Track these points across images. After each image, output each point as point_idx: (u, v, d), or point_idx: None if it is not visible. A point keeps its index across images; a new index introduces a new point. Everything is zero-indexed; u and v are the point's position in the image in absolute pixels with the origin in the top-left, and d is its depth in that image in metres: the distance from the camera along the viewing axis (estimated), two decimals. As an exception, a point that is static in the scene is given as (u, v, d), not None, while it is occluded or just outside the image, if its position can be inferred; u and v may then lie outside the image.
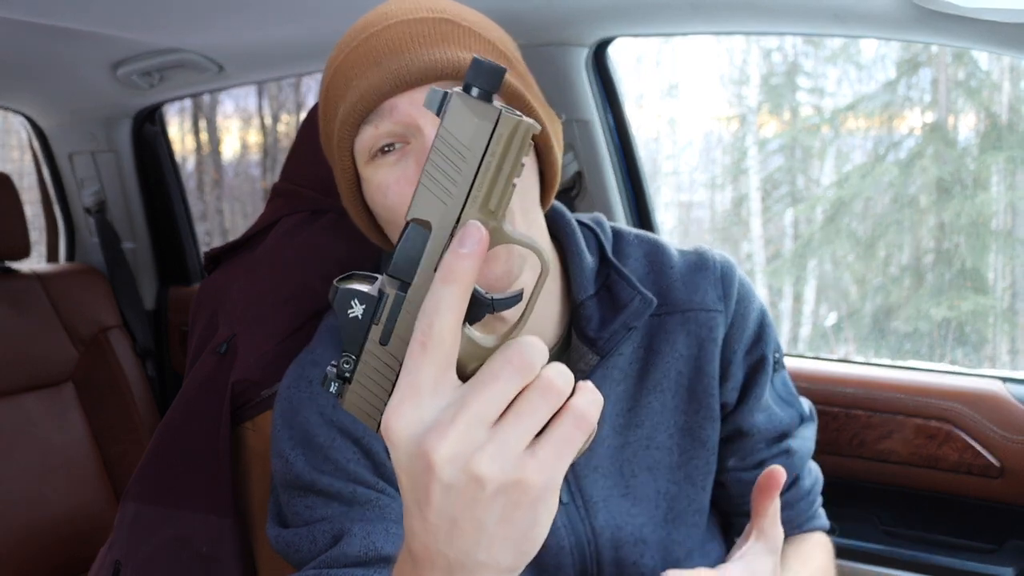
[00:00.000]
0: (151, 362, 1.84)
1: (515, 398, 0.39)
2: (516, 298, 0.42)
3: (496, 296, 0.42)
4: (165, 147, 1.92)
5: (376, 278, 0.43)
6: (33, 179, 2.01)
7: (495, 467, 0.37)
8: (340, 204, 1.06)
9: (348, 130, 0.68)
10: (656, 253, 0.81)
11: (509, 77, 0.70)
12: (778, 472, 0.65)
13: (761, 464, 0.82)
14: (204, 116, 6.64)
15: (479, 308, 0.41)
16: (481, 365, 0.40)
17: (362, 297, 0.41)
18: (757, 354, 0.81)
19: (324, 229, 1.06)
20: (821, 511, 0.88)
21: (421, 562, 0.41)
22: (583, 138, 1.38)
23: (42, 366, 1.66)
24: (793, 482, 0.84)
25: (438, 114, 0.40)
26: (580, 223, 0.82)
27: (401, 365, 0.40)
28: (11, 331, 1.62)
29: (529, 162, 0.71)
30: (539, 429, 0.39)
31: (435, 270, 0.40)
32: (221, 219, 6.78)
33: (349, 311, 0.41)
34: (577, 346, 0.75)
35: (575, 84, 1.35)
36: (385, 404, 0.41)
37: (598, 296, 0.77)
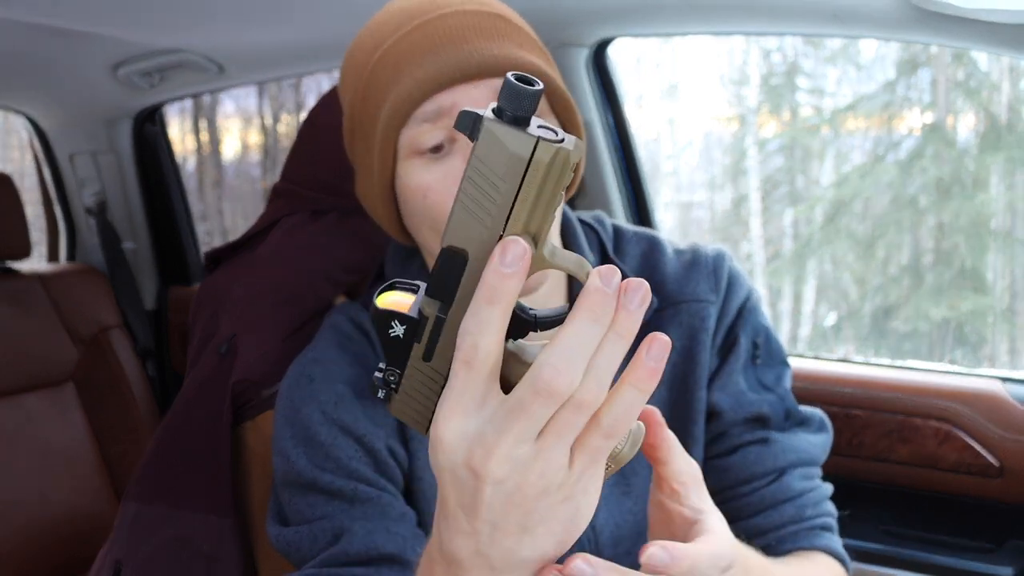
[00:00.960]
0: (151, 362, 1.84)
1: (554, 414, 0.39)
2: (560, 316, 0.41)
3: (540, 314, 0.41)
4: (165, 147, 1.92)
5: (418, 287, 0.43)
6: (34, 179, 2.01)
7: (541, 482, 0.39)
8: (341, 204, 1.06)
9: (398, 120, 0.66)
10: (652, 251, 0.81)
11: (561, 84, 0.69)
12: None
13: (736, 449, 0.78)
14: (204, 116, 6.65)
15: (523, 325, 0.41)
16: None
17: (402, 319, 0.41)
18: (732, 336, 0.80)
19: (324, 229, 1.06)
20: (828, 533, 0.78)
21: (460, 562, 0.42)
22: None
23: (43, 366, 1.66)
24: (776, 478, 0.77)
25: (471, 137, 0.38)
26: (582, 221, 0.82)
27: (446, 376, 0.41)
28: (12, 331, 1.62)
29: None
30: (576, 437, 0.40)
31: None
32: (221, 219, 6.78)
33: (390, 331, 0.41)
34: None
35: (575, 84, 1.35)
36: (431, 410, 0.43)
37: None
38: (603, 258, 0.80)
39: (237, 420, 1.04)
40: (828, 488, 0.80)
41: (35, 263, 1.80)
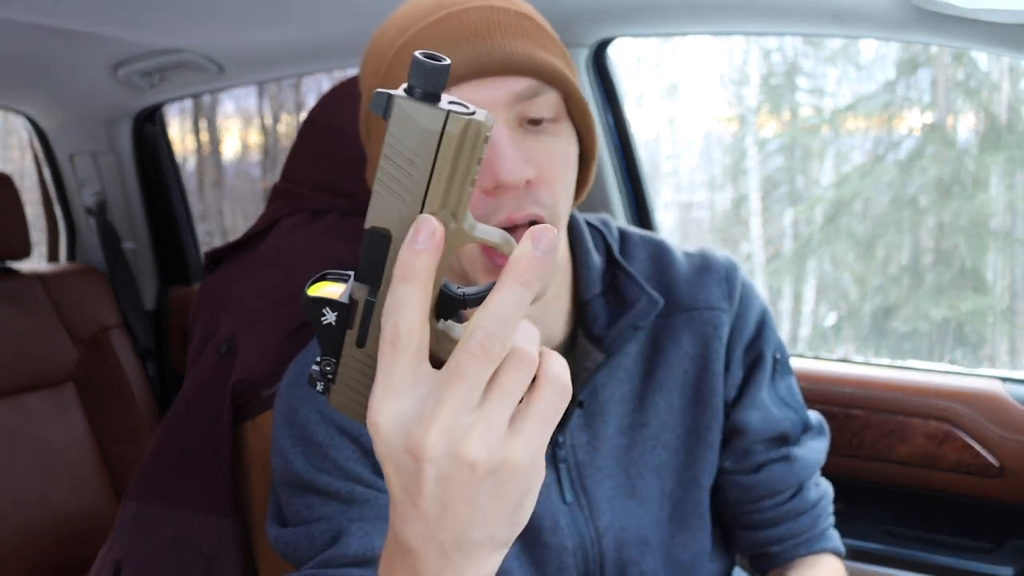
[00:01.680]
0: (152, 362, 1.84)
1: (491, 380, 0.39)
2: (488, 290, 0.40)
3: (468, 292, 0.41)
4: (165, 147, 1.92)
5: (348, 275, 0.43)
6: (34, 179, 2.01)
7: (484, 450, 0.38)
8: (341, 204, 1.06)
9: None
10: (660, 254, 0.81)
11: (579, 89, 0.68)
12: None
13: (760, 468, 0.80)
14: (204, 116, 6.65)
15: (452, 303, 0.41)
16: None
17: (333, 305, 0.41)
18: (755, 352, 0.81)
19: (324, 229, 1.06)
20: (833, 532, 0.83)
21: (414, 551, 0.41)
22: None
23: (43, 366, 1.66)
24: (796, 492, 0.81)
25: (384, 117, 0.38)
26: (587, 223, 0.82)
27: None
28: (12, 331, 1.62)
29: (573, 178, 0.70)
30: (515, 405, 0.39)
31: None
32: (221, 219, 6.78)
33: (322, 319, 0.41)
34: (583, 345, 0.75)
35: (575, 84, 1.35)
36: (367, 397, 0.42)
37: (605, 295, 0.77)
38: (609, 260, 0.80)
39: (237, 420, 1.04)
40: (830, 488, 0.83)
41: (35, 263, 1.80)
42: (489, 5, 0.67)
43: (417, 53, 0.37)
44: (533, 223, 0.65)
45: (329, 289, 0.42)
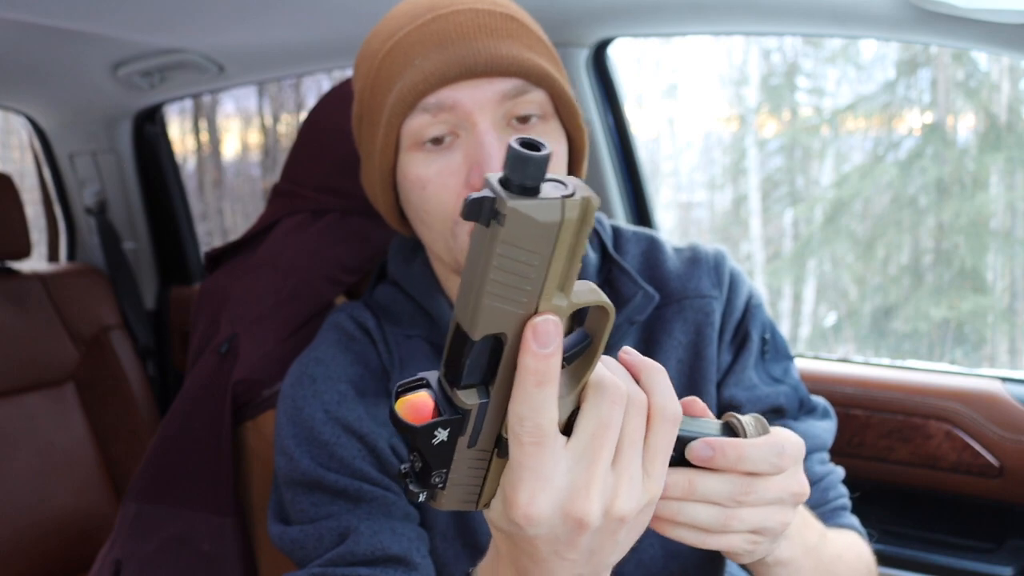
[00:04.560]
0: (152, 362, 1.84)
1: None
2: (584, 344, 0.42)
3: (567, 353, 0.41)
4: (166, 147, 1.92)
5: (425, 380, 0.42)
6: (34, 179, 2.01)
7: (631, 504, 0.42)
8: (341, 204, 1.06)
9: (402, 109, 0.67)
10: (652, 249, 0.82)
11: (566, 87, 0.69)
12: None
13: None
14: (205, 116, 6.65)
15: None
16: (569, 412, 0.42)
17: (444, 424, 0.41)
18: (742, 333, 0.80)
19: (325, 229, 1.06)
20: (850, 515, 0.80)
21: None
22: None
23: (43, 366, 1.66)
24: None
25: (482, 222, 0.36)
26: None
27: (490, 452, 0.42)
28: (12, 331, 1.62)
29: (561, 165, 0.71)
30: (643, 442, 0.43)
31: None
32: (221, 219, 6.78)
33: (434, 440, 0.41)
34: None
35: (575, 84, 1.35)
36: (479, 487, 0.43)
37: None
38: (603, 256, 0.80)
39: (237, 420, 1.04)
40: (840, 471, 0.81)
41: (35, 263, 1.80)
42: (475, 8, 0.68)
43: (512, 143, 0.35)
44: None
45: (417, 403, 0.41)
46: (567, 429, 0.41)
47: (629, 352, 0.45)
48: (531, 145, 0.35)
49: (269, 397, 1.02)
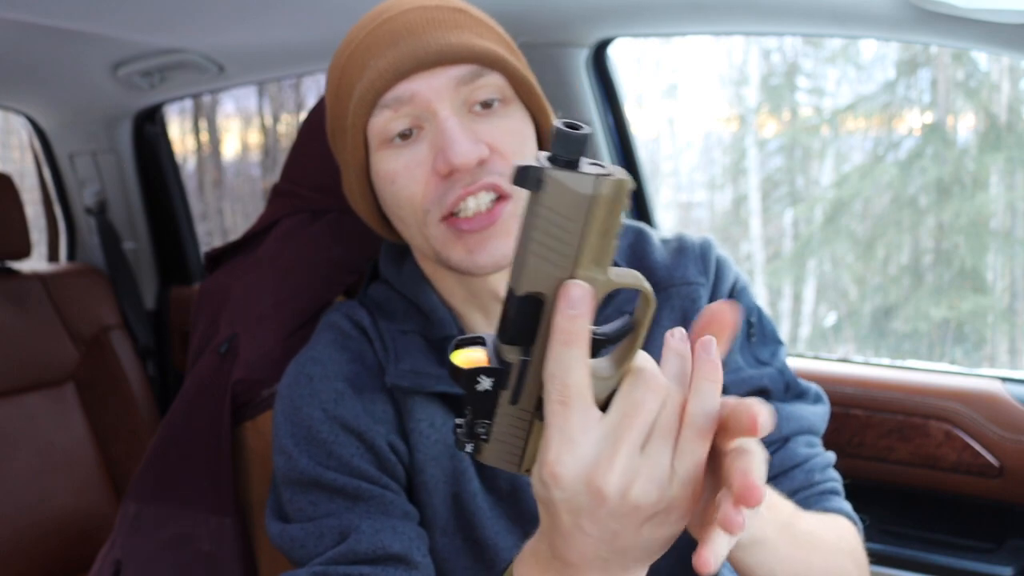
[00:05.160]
0: (152, 362, 1.84)
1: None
2: (626, 328, 0.45)
3: (607, 331, 0.45)
4: (166, 147, 1.92)
5: (482, 338, 0.46)
6: (34, 179, 2.01)
7: (652, 494, 0.43)
8: (340, 204, 1.06)
9: (364, 109, 0.69)
10: (639, 241, 0.83)
11: (522, 70, 0.71)
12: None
13: None
14: (205, 116, 6.65)
15: (595, 345, 0.44)
16: (608, 392, 0.45)
17: (488, 371, 0.44)
18: None
19: (324, 229, 1.06)
20: (841, 500, 0.78)
21: (576, 565, 0.47)
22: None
23: (43, 366, 1.66)
24: (781, 445, 0.77)
25: (532, 189, 0.41)
26: None
27: (531, 412, 0.45)
28: (12, 331, 1.62)
29: (534, 154, 0.72)
30: (673, 451, 0.44)
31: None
32: (221, 219, 6.78)
33: (477, 386, 0.45)
34: None
35: (575, 84, 1.35)
36: (520, 448, 0.46)
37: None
38: None
39: (237, 420, 1.04)
40: (831, 455, 0.80)
41: (35, 263, 1.80)
42: (423, 5, 0.71)
43: (557, 123, 0.40)
44: (493, 194, 0.67)
45: (471, 355, 0.45)
46: (605, 407, 0.44)
47: (679, 338, 0.46)
48: (573, 126, 0.40)
49: (269, 397, 1.02)
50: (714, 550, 0.44)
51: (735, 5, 1.09)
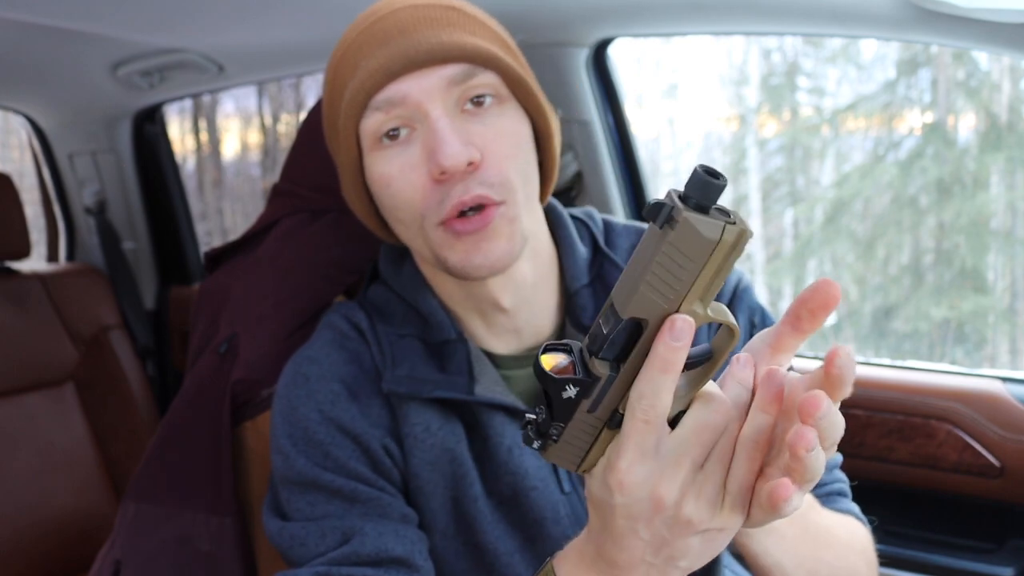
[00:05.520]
0: (152, 362, 1.84)
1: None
2: (705, 355, 0.48)
3: (691, 357, 0.47)
4: (165, 147, 1.92)
5: (568, 346, 0.49)
6: (33, 179, 2.01)
7: (701, 509, 0.47)
8: (340, 204, 1.06)
9: (355, 110, 0.68)
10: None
11: (517, 68, 0.70)
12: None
13: None
14: (204, 116, 6.65)
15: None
16: (678, 411, 0.48)
17: (575, 382, 0.48)
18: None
19: (324, 229, 1.06)
20: (846, 500, 0.77)
21: (623, 567, 0.50)
22: (583, 138, 1.39)
23: (43, 366, 1.66)
24: None
25: (658, 223, 0.43)
26: (572, 216, 0.83)
27: (604, 422, 0.48)
28: (12, 331, 1.62)
29: (530, 156, 0.72)
30: (726, 472, 0.47)
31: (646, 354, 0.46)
32: (221, 219, 6.78)
33: (564, 393, 0.48)
34: (571, 334, 0.76)
35: (575, 84, 1.35)
36: (584, 452, 0.50)
37: (592, 286, 0.77)
38: (595, 251, 0.80)
39: (237, 420, 1.04)
40: (838, 456, 0.80)
41: (35, 263, 1.80)
42: (415, 4, 0.70)
43: (698, 167, 0.42)
44: (482, 206, 0.67)
45: (557, 361, 0.49)
46: (673, 425, 0.48)
47: (743, 364, 0.48)
48: (714, 174, 0.42)
49: (268, 397, 1.01)
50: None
51: (735, 5, 1.09)
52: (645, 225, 0.85)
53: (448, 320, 0.75)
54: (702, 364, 0.48)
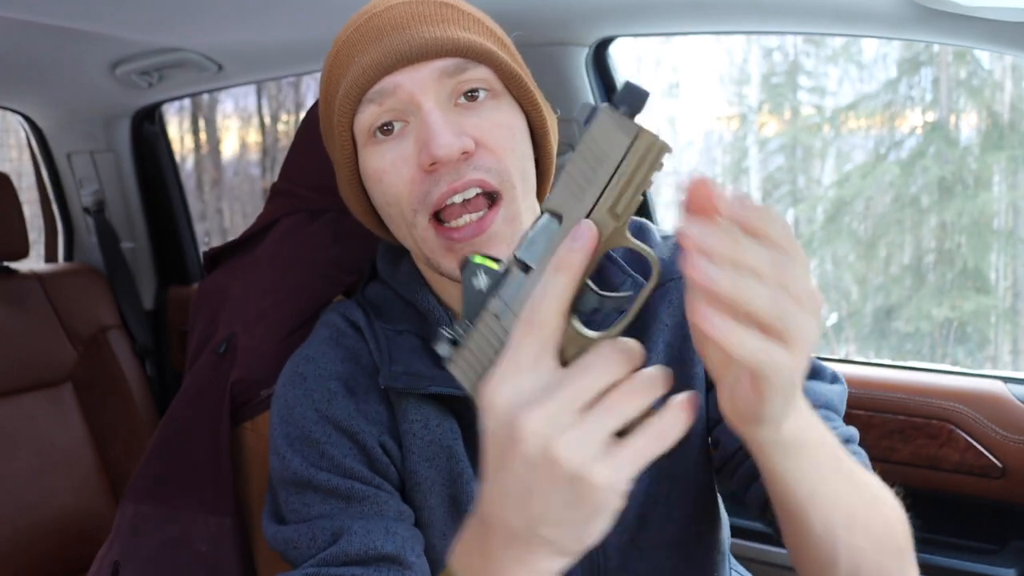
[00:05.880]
0: (151, 362, 1.84)
1: (606, 393, 0.42)
2: (625, 298, 0.45)
3: (607, 295, 0.46)
4: (164, 146, 1.92)
5: (502, 261, 0.48)
6: (32, 179, 2.01)
7: (572, 455, 0.40)
8: (339, 204, 1.06)
9: (349, 105, 0.68)
10: (639, 235, 0.81)
11: (511, 63, 0.70)
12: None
13: None
14: (203, 115, 6.65)
15: (588, 301, 0.45)
16: (582, 354, 0.44)
17: (488, 272, 0.46)
18: None
19: (323, 229, 1.06)
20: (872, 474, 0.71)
21: (488, 526, 0.45)
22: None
23: (42, 366, 1.66)
24: None
25: (585, 124, 0.45)
26: None
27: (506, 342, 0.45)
28: (10, 331, 1.62)
29: (527, 151, 0.71)
30: (620, 427, 0.41)
31: None
32: (220, 219, 6.78)
33: (474, 280, 0.46)
34: None
35: (575, 84, 1.34)
36: (484, 368, 0.46)
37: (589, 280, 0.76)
38: None
39: (236, 420, 1.03)
40: (853, 430, 0.75)
41: (33, 263, 1.80)
42: (409, 0, 0.70)
43: (627, 79, 0.44)
44: (479, 192, 0.66)
45: (486, 259, 0.48)
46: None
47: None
48: (638, 87, 0.44)
49: (267, 397, 1.01)
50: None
51: (736, 4, 1.08)
52: (643, 220, 0.85)
53: (447, 316, 0.75)
54: (618, 310, 0.46)
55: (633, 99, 0.44)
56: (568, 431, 0.41)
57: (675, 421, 0.42)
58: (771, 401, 0.45)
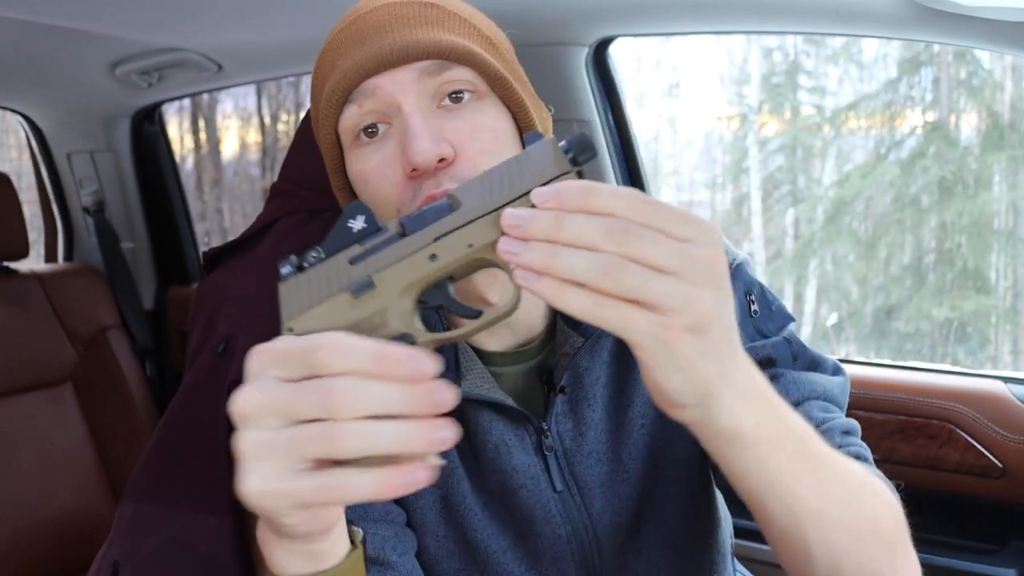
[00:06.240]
0: (150, 362, 1.84)
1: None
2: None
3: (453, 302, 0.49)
4: (164, 146, 1.92)
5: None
6: (31, 179, 2.01)
7: (245, 445, 0.46)
8: (338, 204, 1.06)
9: (332, 108, 0.69)
10: None
11: (495, 63, 0.70)
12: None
13: None
14: (203, 115, 6.65)
15: (435, 295, 0.48)
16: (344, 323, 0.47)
17: (368, 219, 0.47)
18: None
19: (323, 229, 1.06)
20: (870, 465, 0.70)
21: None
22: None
23: (41, 366, 1.66)
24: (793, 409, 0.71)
25: (530, 144, 0.47)
26: None
27: (345, 288, 0.46)
28: (10, 331, 1.62)
29: (512, 151, 0.71)
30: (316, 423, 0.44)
31: (435, 240, 0.46)
32: (220, 219, 6.78)
33: (350, 221, 0.47)
34: (562, 329, 0.75)
35: (575, 84, 1.34)
36: (306, 303, 0.47)
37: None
38: None
39: (235, 420, 1.03)
40: (853, 422, 0.72)
41: (33, 263, 1.80)
42: (395, 2, 0.70)
43: (584, 132, 0.47)
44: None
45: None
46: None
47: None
48: (591, 143, 0.47)
49: (267, 397, 1.01)
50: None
51: (736, 4, 1.08)
52: None
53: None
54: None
55: (581, 149, 0.46)
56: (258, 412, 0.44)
57: (382, 479, 0.44)
58: (660, 372, 0.45)
